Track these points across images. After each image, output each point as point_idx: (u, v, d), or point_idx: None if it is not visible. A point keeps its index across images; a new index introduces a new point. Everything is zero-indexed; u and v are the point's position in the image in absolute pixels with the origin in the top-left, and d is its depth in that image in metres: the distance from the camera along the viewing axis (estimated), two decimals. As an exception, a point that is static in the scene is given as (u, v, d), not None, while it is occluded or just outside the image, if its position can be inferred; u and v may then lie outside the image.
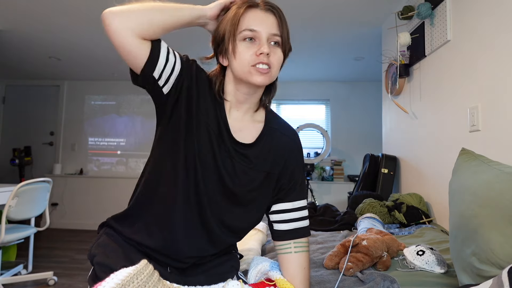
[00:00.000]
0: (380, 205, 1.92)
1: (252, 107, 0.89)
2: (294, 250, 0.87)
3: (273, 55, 0.80)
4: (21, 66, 4.30)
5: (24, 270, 2.71)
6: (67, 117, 4.93)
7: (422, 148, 2.09)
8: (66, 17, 2.79)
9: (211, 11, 0.84)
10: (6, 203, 2.25)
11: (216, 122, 0.84)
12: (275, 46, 0.81)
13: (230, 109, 0.87)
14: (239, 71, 0.80)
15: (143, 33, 0.73)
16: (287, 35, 0.83)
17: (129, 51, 0.73)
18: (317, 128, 4.22)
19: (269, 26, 0.80)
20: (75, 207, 4.61)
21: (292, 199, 0.90)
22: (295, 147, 0.93)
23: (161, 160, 0.84)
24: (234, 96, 0.86)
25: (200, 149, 0.81)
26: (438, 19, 1.85)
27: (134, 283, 0.57)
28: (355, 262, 1.05)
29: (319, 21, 2.81)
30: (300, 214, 0.90)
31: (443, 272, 1.04)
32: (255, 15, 0.80)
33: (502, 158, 1.33)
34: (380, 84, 4.57)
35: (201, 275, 0.87)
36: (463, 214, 0.87)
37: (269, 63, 0.79)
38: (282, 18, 0.82)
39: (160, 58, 0.77)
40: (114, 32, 0.71)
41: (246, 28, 0.78)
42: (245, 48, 0.78)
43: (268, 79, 0.81)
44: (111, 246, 0.84)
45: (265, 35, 0.79)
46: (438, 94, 1.89)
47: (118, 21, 0.71)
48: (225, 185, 0.84)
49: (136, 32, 0.72)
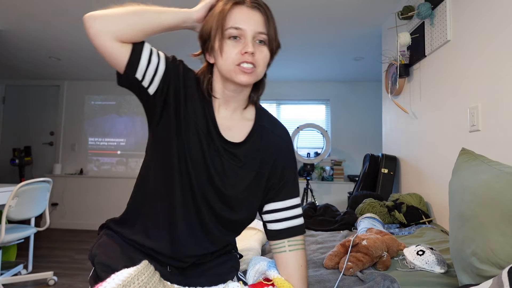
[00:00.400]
0: (380, 205, 1.92)
1: (241, 104, 0.88)
2: (288, 248, 0.87)
3: (259, 53, 0.79)
4: (21, 66, 4.30)
5: (24, 270, 2.71)
6: (67, 117, 4.93)
7: (422, 148, 2.09)
8: (66, 17, 2.79)
9: (197, 13, 0.83)
10: (6, 203, 2.25)
11: (205, 121, 0.84)
12: (261, 44, 0.80)
13: (219, 108, 0.86)
14: (224, 69, 0.79)
15: (123, 36, 0.74)
16: (274, 33, 0.82)
17: (110, 53, 0.74)
18: (317, 128, 4.22)
19: (255, 24, 0.79)
20: (75, 207, 4.61)
21: (283, 198, 0.89)
22: (284, 146, 0.92)
23: (155, 163, 0.84)
24: (222, 94, 0.85)
25: (190, 151, 0.82)
26: (438, 19, 1.85)
27: (135, 283, 0.57)
28: (355, 262, 1.05)
29: (319, 21, 2.81)
30: (292, 212, 0.89)
31: (443, 272, 1.04)
32: (241, 13, 0.79)
33: (502, 158, 1.33)
34: (380, 84, 4.57)
35: (201, 276, 0.87)
36: (463, 214, 0.87)
37: (254, 62, 0.78)
38: (269, 15, 0.81)
39: (142, 60, 0.77)
40: (94, 35, 0.73)
41: (232, 26, 0.77)
42: (230, 47, 0.78)
43: (253, 78, 0.80)
44: (112, 246, 0.84)
45: (251, 33, 0.78)
46: (438, 94, 1.89)
47: (98, 24, 0.72)
48: (214, 184, 0.84)
49: (116, 36, 0.73)
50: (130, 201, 0.89)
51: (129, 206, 0.89)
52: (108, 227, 0.91)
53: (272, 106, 4.83)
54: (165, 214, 0.83)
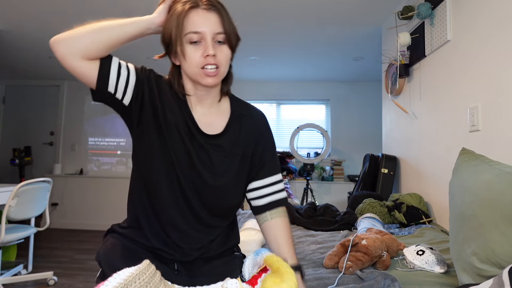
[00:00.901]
0: (380, 205, 1.92)
1: (215, 99, 0.92)
2: (270, 217, 0.94)
3: (220, 53, 0.83)
4: (21, 66, 4.30)
5: (24, 270, 2.71)
6: (67, 117, 4.93)
7: (422, 148, 2.09)
8: (66, 17, 2.79)
9: (159, 18, 0.84)
10: (6, 203, 2.25)
11: (184, 120, 0.87)
12: (221, 44, 0.83)
13: (195, 106, 0.90)
14: (190, 73, 0.84)
15: (88, 53, 0.77)
16: (231, 29, 0.84)
17: (79, 72, 0.78)
18: (317, 128, 4.22)
19: (212, 26, 0.81)
20: (75, 207, 4.61)
21: (265, 176, 0.95)
22: (263, 128, 0.98)
23: (142, 170, 0.88)
24: (195, 93, 0.89)
25: (175, 152, 0.85)
26: (438, 19, 1.85)
27: (136, 283, 0.57)
28: (354, 261, 1.05)
29: (319, 21, 2.82)
30: (274, 188, 0.95)
31: (443, 271, 1.05)
32: (198, 16, 0.81)
33: (502, 158, 1.33)
34: (380, 84, 4.57)
35: (207, 275, 0.90)
36: (464, 214, 0.87)
37: (217, 62, 0.82)
38: (224, 13, 0.84)
39: (111, 73, 0.81)
40: (61, 58, 0.76)
41: (191, 31, 0.80)
42: (192, 51, 0.81)
43: (218, 79, 0.84)
44: (119, 247, 0.89)
45: (210, 35, 0.81)
46: (438, 94, 1.89)
47: (62, 47, 0.75)
48: (203, 180, 0.87)
49: (81, 55, 0.76)
50: (128, 208, 0.94)
51: (129, 211, 0.94)
52: (114, 231, 0.95)
53: (272, 106, 4.83)
54: (163, 215, 0.87)
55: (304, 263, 1.18)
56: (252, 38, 3.18)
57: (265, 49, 3.51)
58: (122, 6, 2.57)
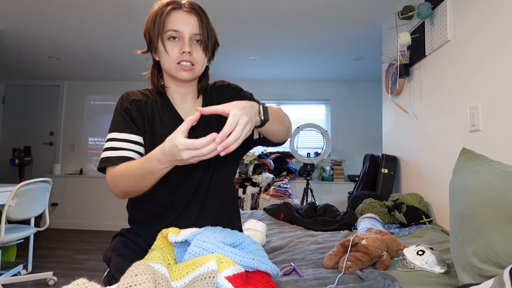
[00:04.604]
0: (380, 205, 1.92)
1: (194, 95, 1.00)
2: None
3: (196, 52, 0.90)
4: (21, 66, 4.30)
5: (24, 270, 2.71)
6: (67, 117, 4.93)
7: (422, 148, 2.09)
8: (66, 17, 2.79)
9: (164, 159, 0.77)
10: (6, 203, 2.25)
11: (174, 123, 0.92)
12: (198, 44, 0.91)
13: (180, 105, 0.97)
14: (167, 67, 0.91)
15: (129, 196, 0.86)
16: (209, 34, 0.92)
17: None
18: (317, 128, 4.21)
19: (191, 26, 0.89)
20: (75, 207, 4.61)
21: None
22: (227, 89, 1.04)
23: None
24: (176, 91, 0.97)
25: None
26: (438, 19, 1.85)
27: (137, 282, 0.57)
28: (354, 261, 1.05)
29: (319, 21, 2.81)
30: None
31: (443, 272, 1.04)
32: (179, 16, 0.89)
33: (502, 158, 1.33)
34: (380, 84, 4.57)
35: None
36: (464, 213, 0.87)
37: (192, 60, 0.90)
38: (203, 18, 0.91)
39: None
40: (115, 195, 0.86)
41: (171, 29, 0.88)
42: (171, 47, 0.89)
43: (193, 74, 0.91)
44: (126, 249, 0.93)
45: (188, 35, 0.88)
46: (438, 94, 1.89)
47: (112, 189, 0.85)
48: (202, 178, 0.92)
49: (125, 196, 0.85)
50: (128, 208, 0.99)
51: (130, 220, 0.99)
52: (122, 234, 0.99)
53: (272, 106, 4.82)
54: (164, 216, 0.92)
55: (304, 263, 1.17)
56: (252, 38, 3.18)
57: (265, 49, 3.51)
58: (122, 6, 2.57)
